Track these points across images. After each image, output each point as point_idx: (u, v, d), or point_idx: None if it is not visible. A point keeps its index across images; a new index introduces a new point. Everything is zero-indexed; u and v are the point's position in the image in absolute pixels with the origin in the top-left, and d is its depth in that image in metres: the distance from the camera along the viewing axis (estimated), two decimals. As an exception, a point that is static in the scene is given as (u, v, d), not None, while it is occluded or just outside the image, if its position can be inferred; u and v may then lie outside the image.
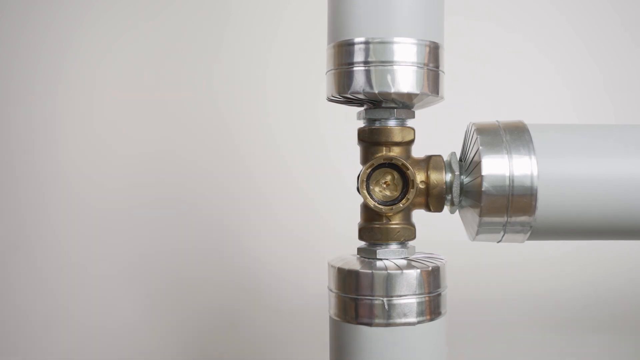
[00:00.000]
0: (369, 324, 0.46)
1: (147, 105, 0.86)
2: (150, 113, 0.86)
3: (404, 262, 0.48)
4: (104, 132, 0.86)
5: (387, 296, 0.46)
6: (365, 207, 0.49)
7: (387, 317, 0.46)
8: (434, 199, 0.48)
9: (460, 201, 0.48)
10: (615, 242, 0.72)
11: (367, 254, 0.49)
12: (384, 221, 0.48)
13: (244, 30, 0.86)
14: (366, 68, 0.46)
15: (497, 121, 0.47)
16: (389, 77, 0.45)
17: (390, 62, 0.45)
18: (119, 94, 0.86)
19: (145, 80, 0.86)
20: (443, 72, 0.48)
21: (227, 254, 0.86)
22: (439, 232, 0.67)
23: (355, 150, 0.50)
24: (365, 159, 0.49)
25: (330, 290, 0.49)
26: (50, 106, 0.86)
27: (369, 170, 0.48)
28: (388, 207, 0.47)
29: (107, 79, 0.86)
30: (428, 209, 0.49)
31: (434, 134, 0.60)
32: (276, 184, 0.86)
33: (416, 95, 0.46)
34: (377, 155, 0.48)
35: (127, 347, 0.85)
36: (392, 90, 0.45)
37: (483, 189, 0.44)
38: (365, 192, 0.48)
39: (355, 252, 0.51)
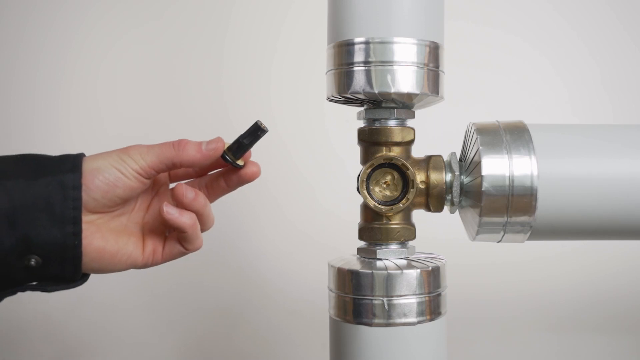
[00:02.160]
0: (369, 324, 0.46)
1: (148, 105, 0.86)
2: (152, 114, 0.86)
3: (404, 262, 0.48)
4: (105, 131, 0.86)
5: (387, 296, 0.46)
6: (366, 207, 0.49)
7: (387, 317, 0.46)
8: (434, 199, 0.48)
9: (460, 201, 0.48)
10: (615, 242, 0.72)
11: (367, 254, 0.49)
12: (384, 221, 0.48)
13: (245, 31, 0.86)
14: (366, 68, 0.45)
15: (497, 121, 0.47)
16: (389, 77, 0.45)
17: (391, 62, 0.45)
18: (120, 94, 0.86)
19: (147, 81, 0.86)
20: (443, 72, 0.48)
21: (227, 254, 0.86)
22: (439, 232, 0.67)
23: (355, 151, 0.50)
24: (365, 159, 0.49)
25: (331, 290, 0.49)
26: (51, 106, 0.86)
27: (369, 170, 0.48)
28: (388, 207, 0.47)
29: (108, 79, 0.86)
30: (428, 209, 0.49)
31: (434, 134, 0.60)
32: (276, 183, 0.85)
33: (416, 95, 0.46)
34: (377, 155, 0.48)
35: (128, 346, 0.85)
36: (392, 90, 0.45)
37: (483, 189, 0.44)
38: (365, 192, 0.48)
39: (356, 252, 0.51)
